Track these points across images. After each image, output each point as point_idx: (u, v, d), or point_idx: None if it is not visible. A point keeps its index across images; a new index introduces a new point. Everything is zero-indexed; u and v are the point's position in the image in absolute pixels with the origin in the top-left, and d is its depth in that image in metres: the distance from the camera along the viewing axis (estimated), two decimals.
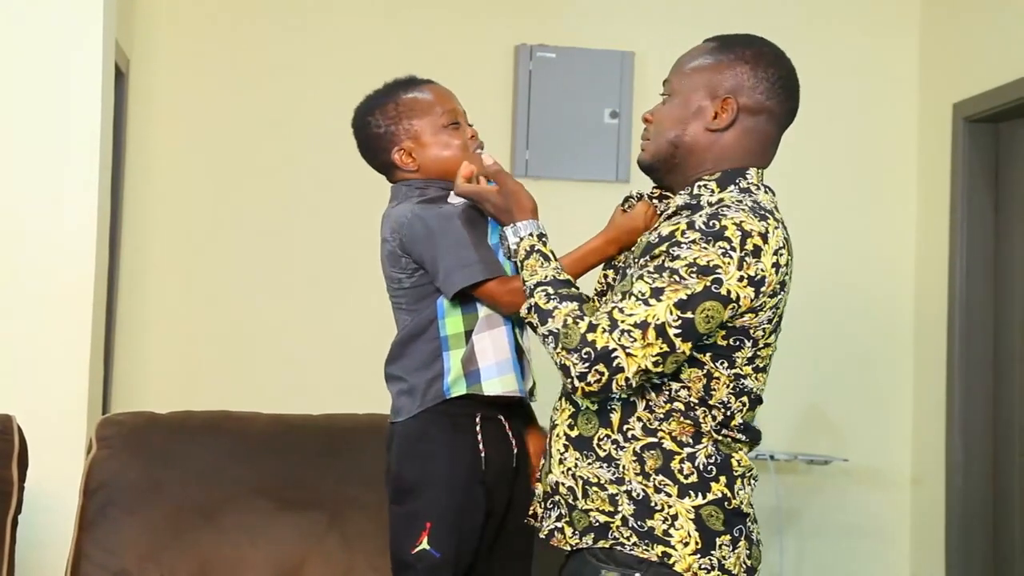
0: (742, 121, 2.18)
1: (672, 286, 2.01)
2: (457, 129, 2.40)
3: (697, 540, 2.08)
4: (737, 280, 2.01)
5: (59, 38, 3.54)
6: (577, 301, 2.09)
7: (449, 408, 2.30)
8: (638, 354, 2.00)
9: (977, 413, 4.76)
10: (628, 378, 2.01)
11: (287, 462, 2.99)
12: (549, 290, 2.12)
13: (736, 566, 2.10)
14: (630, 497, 2.09)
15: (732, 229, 2.02)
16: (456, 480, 2.28)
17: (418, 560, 2.26)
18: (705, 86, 2.19)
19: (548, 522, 2.20)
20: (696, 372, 2.08)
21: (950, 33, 4.95)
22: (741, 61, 2.19)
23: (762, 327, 2.08)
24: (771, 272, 2.04)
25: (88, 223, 3.54)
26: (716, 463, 2.11)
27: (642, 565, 2.08)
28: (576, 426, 2.16)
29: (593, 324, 2.02)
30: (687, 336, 2.01)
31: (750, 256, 2.02)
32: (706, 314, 2.01)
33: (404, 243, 2.31)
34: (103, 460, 2.91)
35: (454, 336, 2.30)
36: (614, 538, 2.10)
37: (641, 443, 2.09)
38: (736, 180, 2.16)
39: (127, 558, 2.83)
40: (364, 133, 2.44)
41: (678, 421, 2.09)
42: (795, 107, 2.26)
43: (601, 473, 2.11)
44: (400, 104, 2.41)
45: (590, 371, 2.01)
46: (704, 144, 2.18)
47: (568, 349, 2.03)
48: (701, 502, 2.09)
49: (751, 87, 2.18)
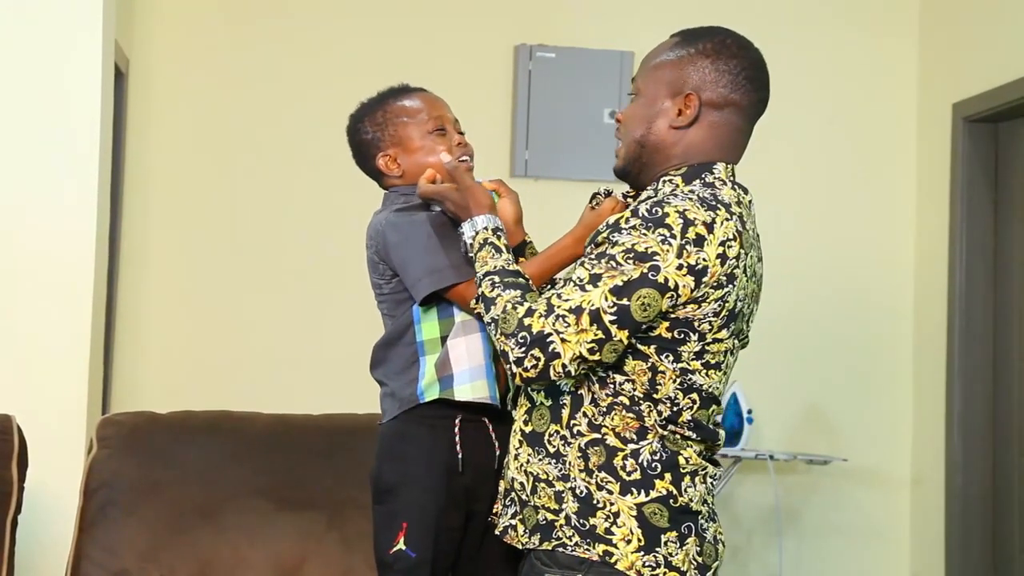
0: (707, 116, 2.16)
1: (609, 272, 2.00)
2: (443, 136, 2.41)
3: (640, 538, 2.05)
4: (676, 268, 1.99)
5: (59, 38, 3.55)
6: (520, 289, 2.09)
7: (427, 411, 2.31)
8: (572, 339, 1.98)
9: (977, 413, 4.76)
10: (565, 364, 1.99)
11: (287, 462, 2.99)
12: (495, 279, 2.12)
13: (685, 563, 2.06)
14: (574, 494, 2.08)
15: (673, 216, 2.00)
16: (432, 481, 2.29)
17: (395, 560, 2.28)
18: (668, 83, 2.18)
19: (504, 519, 2.20)
20: (641, 365, 2.05)
21: (950, 33, 4.95)
22: (702, 55, 2.17)
23: (707, 320, 2.04)
24: (715, 263, 2.01)
25: (88, 223, 3.54)
26: (661, 460, 2.07)
27: (583, 565, 2.06)
28: (530, 421, 2.15)
29: (531, 309, 2.02)
30: (623, 323, 1.99)
31: (691, 245, 1.99)
32: (642, 301, 1.99)
33: (379, 250, 2.34)
34: (103, 460, 2.91)
35: (430, 341, 2.31)
36: (557, 539, 2.09)
37: (586, 439, 2.08)
38: (702, 175, 2.14)
39: (127, 558, 2.83)
40: (355, 139, 2.48)
41: (621, 416, 2.06)
42: (764, 97, 2.20)
43: (549, 469, 2.10)
44: (388, 111, 2.43)
45: (526, 356, 2.00)
46: (670, 141, 2.17)
47: (506, 334, 2.02)
48: (644, 499, 2.06)
49: (713, 81, 2.15)
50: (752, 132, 2.22)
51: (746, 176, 2.26)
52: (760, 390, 4.80)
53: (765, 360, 4.91)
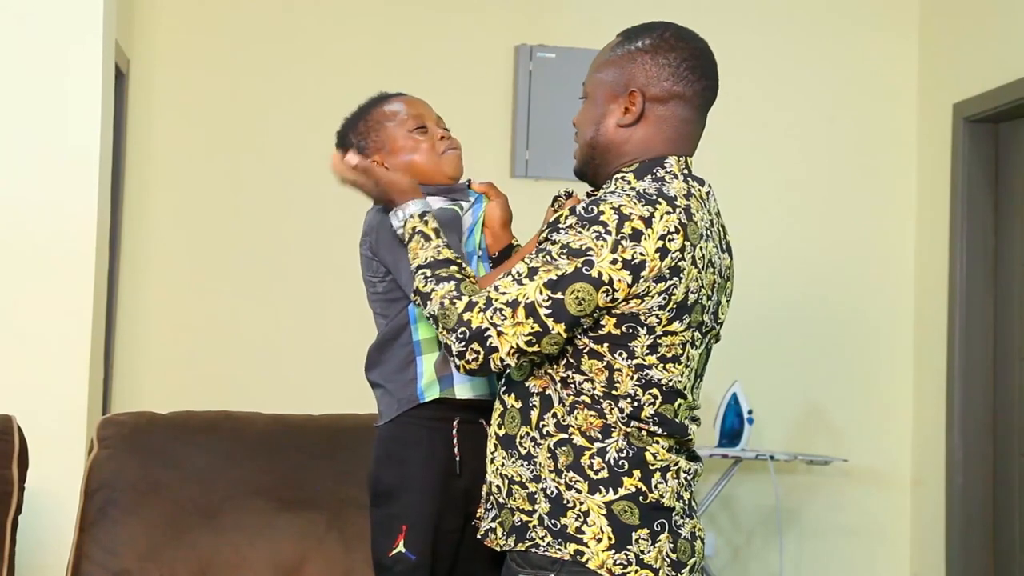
0: (652, 111, 2.17)
1: (545, 267, 2.02)
2: (425, 132, 2.44)
3: (610, 536, 2.05)
4: (610, 263, 2.00)
5: (59, 38, 3.54)
6: (454, 281, 2.11)
7: (425, 412, 2.32)
8: (509, 332, 2.01)
9: (977, 413, 4.76)
10: (503, 357, 2.03)
11: (287, 462, 2.99)
12: (427, 272, 2.14)
13: (657, 560, 2.06)
14: (546, 495, 2.08)
15: (609, 213, 2.02)
16: (432, 484, 2.31)
17: (395, 563, 2.30)
18: (611, 83, 2.19)
19: (485, 522, 2.21)
20: (597, 364, 2.06)
21: (950, 33, 4.96)
22: (641, 51, 2.18)
23: (654, 313, 2.04)
24: (654, 256, 2.01)
25: (88, 223, 3.54)
26: (628, 457, 2.07)
27: (555, 565, 2.06)
28: (503, 425, 2.16)
29: (471, 303, 2.05)
30: (558, 317, 2.01)
31: (627, 240, 2.00)
32: (576, 295, 2.00)
33: (373, 247, 2.36)
34: (104, 460, 2.91)
35: (427, 340, 2.33)
36: (530, 539, 2.09)
37: (554, 439, 2.09)
38: (653, 170, 2.15)
39: (127, 558, 2.83)
40: (344, 151, 2.49)
41: (584, 415, 2.07)
42: (710, 85, 2.20)
43: (522, 471, 2.11)
44: (368, 120, 2.47)
45: (467, 350, 2.03)
46: (619, 140, 2.18)
47: (447, 329, 2.06)
48: (612, 497, 2.06)
49: (655, 76, 2.16)
50: (705, 121, 2.22)
51: (746, 176, 2.27)
52: (760, 390, 4.80)
53: (765, 360, 4.93)
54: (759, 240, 4.74)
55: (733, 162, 4.71)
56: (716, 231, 2.17)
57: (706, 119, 2.22)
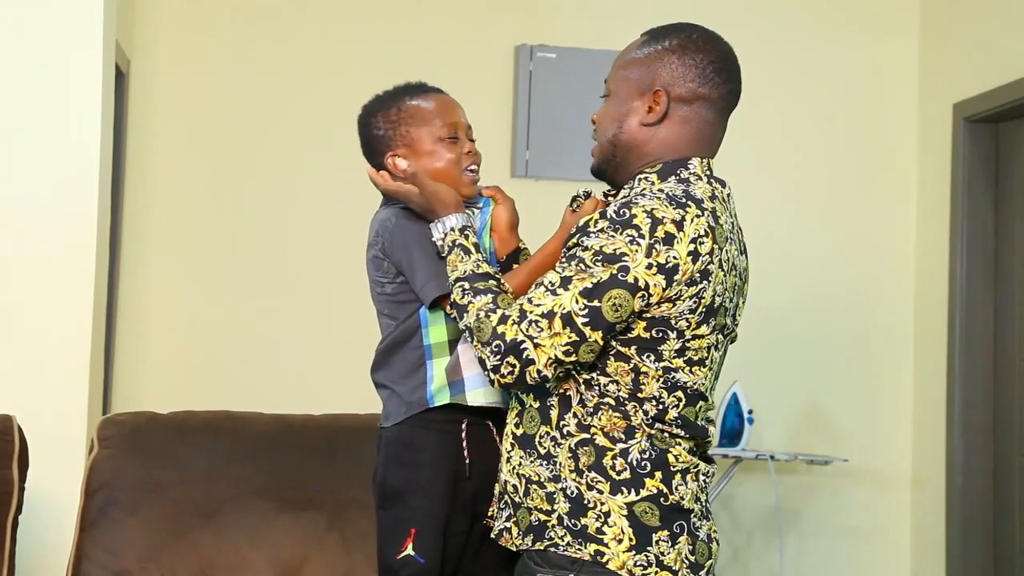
0: (676, 111, 2.16)
1: (579, 275, 2.01)
2: (455, 143, 2.39)
3: (631, 537, 2.05)
4: (645, 268, 1.99)
5: (59, 38, 3.55)
6: (491, 294, 2.10)
7: (434, 415, 2.31)
8: (546, 344, 2.00)
9: (977, 413, 4.76)
10: (540, 369, 2.02)
11: (287, 462, 2.99)
12: (465, 285, 2.13)
13: (677, 562, 2.07)
14: (565, 495, 2.08)
15: (641, 216, 2.01)
16: (441, 487, 2.30)
17: (403, 565, 2.29)
18: (636, 81, 2.18)
19: (499, 521, 2.21)
20: (623, 366, 2.06)
21: (950, 33, 4.96)
22: (668, 51, 2.17)
23: (684, 317, 2.04)
24: (687, 260, 2.01)
25: (89, 223, 3.54)
26: (651, 458, 2.07)
27: (575, 565, 2.06)
28: (521, 424, 2.16)
29: (505, 316, 2.04)
30: (596, 325, 2.00)
31: (660, 244, 2.00)
32: (613, 302, 2.00)
33: (385, 248, 2.32)
34: (104, 460, 2.91)
35: (438, 345, 2.31)
36: (549, 539, 2.09)
37: (575, 439, 2.08)
38: (676, 171, 2.14)
39: (128, 558, 2.82)
40: (366, 132, 2.45)
41: (608, 416, 2.07)
42: (734, 89, 2.20)
43: (541, 471, 2.11)
44: (403, 110, 2.40)
45: (502, 363, 2.02)
46: (642, 140, 2.17)
47: (482, 343, 2.05)
48: (634, 498, 2.06)
49: (680, 76, 2.15)
50: (726, 124, 2.22)
51: (746, 175, 2.27)
52: (760, 390, 4.81)
53: (765, 360, 4.92)
54: (759, 240, 4.70)
55: (733, 162, 4.69)
56: (736, 233, 2.18)
57: (727, 124, 2.22)
